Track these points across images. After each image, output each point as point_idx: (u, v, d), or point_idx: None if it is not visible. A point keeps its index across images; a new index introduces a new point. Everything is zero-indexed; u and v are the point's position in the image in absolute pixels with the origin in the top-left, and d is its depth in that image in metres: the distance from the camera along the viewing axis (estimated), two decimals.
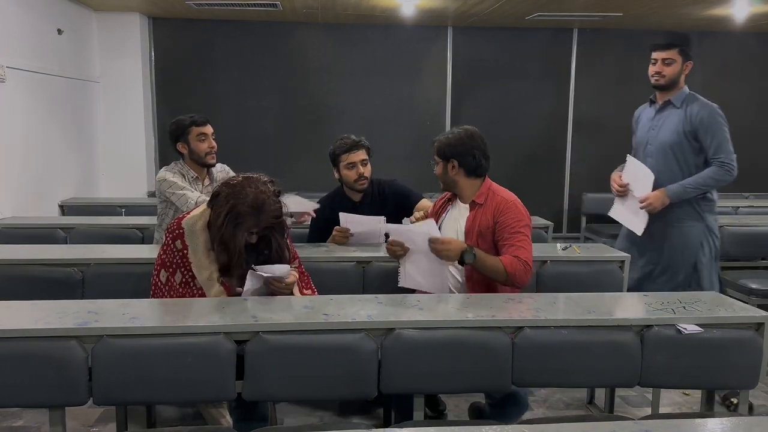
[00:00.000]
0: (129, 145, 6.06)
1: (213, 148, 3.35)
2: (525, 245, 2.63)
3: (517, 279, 2.57)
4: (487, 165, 2.80)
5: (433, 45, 6.58)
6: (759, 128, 7.05)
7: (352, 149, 3.30)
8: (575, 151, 6.91)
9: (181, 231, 2.43)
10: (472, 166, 2.77)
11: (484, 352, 2.15)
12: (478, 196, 2.78)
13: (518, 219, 2.67)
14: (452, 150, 2.77)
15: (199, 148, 3.31)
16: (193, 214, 2.47)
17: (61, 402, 2.04)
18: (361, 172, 3.31)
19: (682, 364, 2.22)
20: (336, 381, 2.11)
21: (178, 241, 2.43)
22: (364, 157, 3.33)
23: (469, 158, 2.76)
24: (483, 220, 2.72)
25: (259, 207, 2.33)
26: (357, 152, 3.30)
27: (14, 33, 4.47)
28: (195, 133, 3.31)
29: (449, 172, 2.79)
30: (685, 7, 5.40)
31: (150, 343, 2.03)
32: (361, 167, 3.31)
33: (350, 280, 3.00)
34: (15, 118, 4.44)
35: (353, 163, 3.29)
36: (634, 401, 3.41)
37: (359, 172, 3.30)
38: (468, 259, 2.56)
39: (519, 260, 2.58)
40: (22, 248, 3.21)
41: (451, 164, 2.77)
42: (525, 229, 2.67)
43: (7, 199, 4.33)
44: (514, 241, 2.62)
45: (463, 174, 2.77)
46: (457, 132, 2.81)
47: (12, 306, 2.24)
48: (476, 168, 2.77)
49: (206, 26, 6.33)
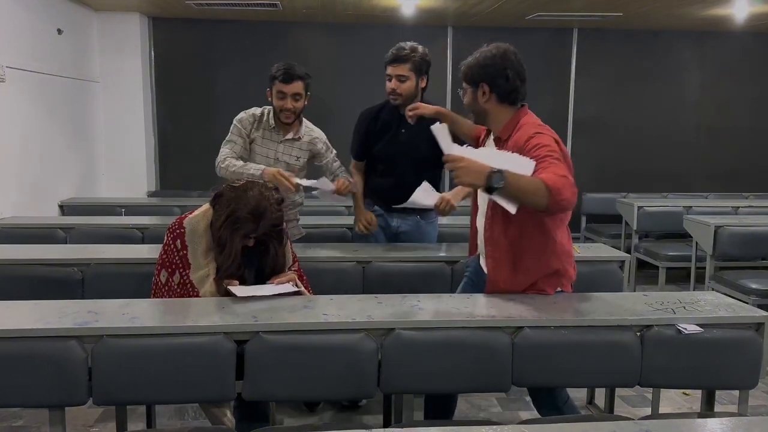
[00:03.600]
0: (129, 145, 6.06)
1: (289, 109, 3.11)
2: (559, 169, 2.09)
3: (563, 196, 2.03)
4: (524, 90, 2.38)
5: (433, 45, 6.57)
6: (759, 128, 7.05)
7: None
8: (575, 151, 6.90)
9: (182, 230, 2.43)
10: (506, 90, 2.35)
11: (484, 352, 2.15)
12: (504, 130, 2.37)
13: (545, 145, 2.17)
14: (481, 72, 2.36)
15: (275, 104, 3.15)
16: (196, 214, 2.47)
17: (60, 402, 2.04)
18: (289, 106, 3.09)
19: (682, 364, 2.22)
20: (336, 381, 2.11)
21: (179, 241, 2.42)
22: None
23: (501, 80, 2.34)
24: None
25: (259, 214, 2.34)
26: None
27: (14, 33, 4.47)
28: (276, 87, 3.12)
29: (479, 100, 2.39)
30: (685, 7, 5.41)
31: (150, 343, 2.03)
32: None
33: (350, 280, 3.00)
34: (15, 118, 4.44)
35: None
36: (634, 401, 3.41)
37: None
38: (496, 183, 2.02)
39: (558, 175, 2.05)
40: (22, 248, 3.21)
41: (482, 90, 2.37)
42: (556, 154, 2.14)
43: (7, 199, 4.33)
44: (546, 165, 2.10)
45: (495, 100, 2.36)
46: (487, 50, 2.39)
47: (12, 306, 2.24)
48: (510, 92, 2.35)
49: (206, 26, 6.33)
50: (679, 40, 6.80)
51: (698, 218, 4.71)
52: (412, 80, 3.15)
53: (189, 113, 6.47)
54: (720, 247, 4.46)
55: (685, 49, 6.85)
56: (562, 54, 6.78)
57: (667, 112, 6.92)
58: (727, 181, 7.01)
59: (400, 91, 3.15)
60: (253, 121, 3.21)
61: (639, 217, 5.52)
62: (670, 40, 6.79)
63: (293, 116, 3.15)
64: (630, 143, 6.95)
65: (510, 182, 2.02)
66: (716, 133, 7.01)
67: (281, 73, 3.08)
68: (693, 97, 6.92)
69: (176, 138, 6.45)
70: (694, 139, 7.01)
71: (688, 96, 6.92)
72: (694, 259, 4.94)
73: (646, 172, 6.96)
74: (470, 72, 2.40)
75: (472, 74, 2.39)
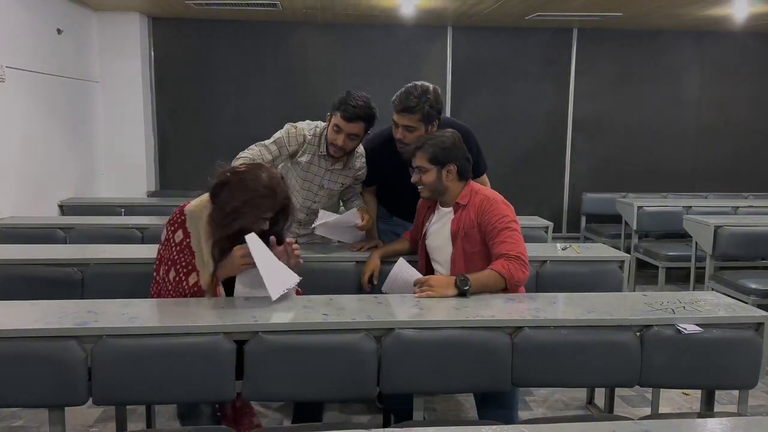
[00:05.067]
0: (129, 145, 6.06)
1: (340, 147, 2.93)
2: (514, 239, 2.51)
3: (516, 278, 2.45)
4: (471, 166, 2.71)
5: (433, 45, 6.58)
6: (758, 128, 7.06)
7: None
8: (575, 151, 6.92)
9: (183, 218, 2.36)
10: (468, 168, 2.67)
11: (484, 352, 2.15)
12: (462, 198, 2.65)
13: (503, 215, 2.56)
14: (448, 154, 2.61)
15: (329, 135, 2.96)
16: (195, 202, 2.39)
17: (60, 402, 2.04)
18: (341, 143, 2.93)
19: (682, 364, 2.22)
20: (336, 381, 2.11)
21: (179, 232, 2.35)
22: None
23: (464, 161, 2.65)
24: (467, 220, 2.62)
25: (273, 187, 2.31)
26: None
27: (14, 33, 4.47)
28: (335, 120, 2.91)
29: (444, 179, 2.63)
30: (685, 7, 5.41)
31: (149, 343, 2.03)
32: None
33: (350, 280, 2.99)
34: (15, 118, 4.44)
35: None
36: (634, 401, 3.41)
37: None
38: (463, 286, 2.42)
39: (510, 259, 2.46)
40: (21, 248, 3.20)
41: (447, 170, 2.62)
42: (512, 224, 2.55)
43: (6, 198, 4.33)
44: (503, 238, 2.51)
45: (456, 178, 2.64)
46: (443, 135, 2.65)
47: (11, 306, 2.24)
48: (469, 170, 2.69)
49: (206, 26, 6.33)
50: (678, 40, 6.80)
51: (698, 218, 4.71)
52: (421, 130, 2.88)
53: (189, 113, 6.47)
54: (720, 247, 4.46)
55: (684, 49, 6.85)
56: (562, 54, 6.78)
57: (667, 112, 6.93)
58: (727, 181, 7.01)
59: (407, 141, 2.88)
60: (302, 142, 3.04)
61: (639, 217, 5.53)
62: (669, 40, 6.79)
63: (342, 153, 2.98)
64: (630, 143, 6.96)
65: (473, 284, 2.44)
66: (716, 133, 7.01)
67: (344, 108, 2.86)
68: (692, 97, 6.93)
69: (176, 138, 6.45)
70: (693, 139, 7.01)
71: (687, 96, 6.92)
72: (694, 259, 4.94)
73: (646, 172, 6.96)
74: (436, 154, 2.60)
75: (439, 157, 2.60)
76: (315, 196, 3.14)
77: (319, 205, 3.15)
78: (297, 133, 3.03)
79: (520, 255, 2.49)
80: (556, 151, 6.91)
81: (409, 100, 2.85)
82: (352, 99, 2.88)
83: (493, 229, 2.54)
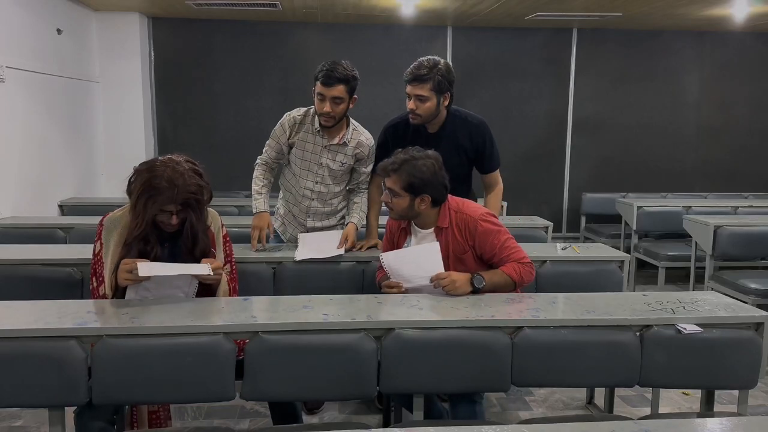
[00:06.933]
0: (129, 145, 6.06)
1: (328, 113, 2.94)
2: (516, 248, 2.58)
3: (525, 282, 2.58)
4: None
5: (433, 45, 6.58)
6: (758, 128, 7.06)
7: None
8: (575, 151, 6.92)
9: (100, 229, 2.40)
10: (444, 194, 2.58)
11: (483, 352, 2.15)
12: (441, 221, 2.60)
13: (497, 233, 2.56)
14: (424, 185, 2.51)
15: (315, 106, 3.01)
16: (116, 211, 2.42)
17: (60, 402, 2.04)
18: (327, 109, 2.93)
19: (682, 364, 2.22)
20: (336, 381, 2.11)
21: (97, 243, 2.39)
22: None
23: (441, 188, 2.55)
24: (454, 244, 2.58)
25: (175, 180, 2.25)
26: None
27: (14, 33, 4.47)
28: (316, 89, 2.96)
29: (417, 206, 2.56)
30: (684, 7, 5.41)
31: (149, 343, 2.03)
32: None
33: (350, 280, 3.00)
34: (14, 118, 4.44)
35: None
36: (634, 401, 3.41)
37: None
38: (479, 284, 2.46)
39: (520, 264, 2.55)
40: (21, 248, 3.20)
41: (421, 198, 2.54)
42: (505, 236, 2.58)
43: (6, 199, 4.32)
44: (508, 253, 2.55)
45: (430, 206, 2.57)
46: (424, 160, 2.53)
47: (11, 306, 2.24)
48: (445, 196, 2.60)
49: (206, 26, 6.33)
50: (679, 40, 6.80)
51: (698, 218, 4.71)
52: (433, 101, 2.94)
53: (189, 113, 6.47)
54: (719, 247, 4.46)
55: (684, 49, 6.85)
56: (562, 54, 6.78)
57: (667, 112, 6.93)
58: (727, 181, 7.01)
59: (420, 112, 2.94)
60: (294, 124, 3.09)
61: (638, 217, 5.53)
62: (669, 40, 6.79)
63: (333, 121, 2.99)
64: (630, 143, 6.96)
65: (487, 282, 2.48)
66: (716, 133, 7.01)
67: (322, 75, 2.92)
68: (693, 97, 6.93)
69: (176, 138, 6.44)
70: (693, 139, 7.01)
71: (687, 96, 6.92)
72: (694, 259, 4.94)
73: (646, 172, 6.97)
74: (415, 184, 2.51)
75: (415, 186, 2.51)
76: (317, 177, 3.14)
77: (327, 188, 3.15)
78: (288, 120, 3.13)
79: (527, 260, 2.57)
80: (556, 150, 6.91)
81: (420, 69, 2.95)
82: (329, 64, 2.95)
83: (495, 254, 2.57)
